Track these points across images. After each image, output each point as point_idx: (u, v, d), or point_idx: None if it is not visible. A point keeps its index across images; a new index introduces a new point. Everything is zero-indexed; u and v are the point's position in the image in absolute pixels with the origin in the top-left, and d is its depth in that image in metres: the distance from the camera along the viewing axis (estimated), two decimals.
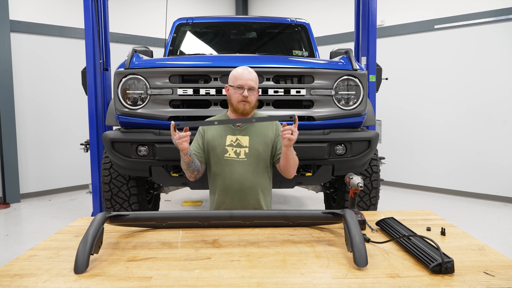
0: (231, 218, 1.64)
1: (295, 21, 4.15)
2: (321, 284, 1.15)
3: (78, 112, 5.73)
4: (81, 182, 5.97)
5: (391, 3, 6.09)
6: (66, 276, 1.22)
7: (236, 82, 2.02)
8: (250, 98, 2.02)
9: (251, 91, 2.02)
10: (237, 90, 2.02)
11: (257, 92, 2.08)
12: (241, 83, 2.00)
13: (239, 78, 2.01)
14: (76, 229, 1.71)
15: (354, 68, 2.58)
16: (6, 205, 5.07)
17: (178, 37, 4.03)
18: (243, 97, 2.00)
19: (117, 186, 2.87)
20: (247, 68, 2.07)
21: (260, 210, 1.99)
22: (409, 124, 5.97)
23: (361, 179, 1.73)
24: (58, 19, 5.73)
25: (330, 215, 1.57)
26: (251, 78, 2.02)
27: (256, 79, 2.06)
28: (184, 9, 7.11)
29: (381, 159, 3.61)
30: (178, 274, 1.23)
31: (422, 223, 1.75)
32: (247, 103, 2.02)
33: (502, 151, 5.10)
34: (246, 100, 2.01)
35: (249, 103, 2.03)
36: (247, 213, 1.68)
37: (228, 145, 2.06)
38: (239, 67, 2.08)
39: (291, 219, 1.65)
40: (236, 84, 2.02)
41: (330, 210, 1.59)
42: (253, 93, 2.04)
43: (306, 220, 1.67)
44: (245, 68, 2.06)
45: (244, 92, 2.00)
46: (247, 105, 2.03)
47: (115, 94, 2.52)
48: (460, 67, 5.42)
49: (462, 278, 1.17)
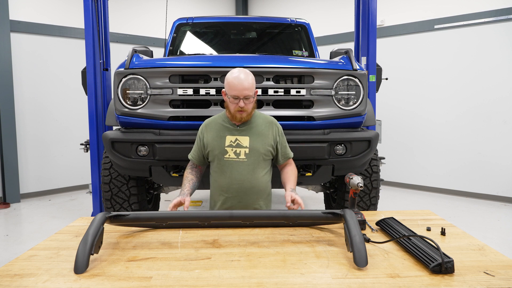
0: (231, 218, 1.64)
1: (295, 21, 4.15)
2: (321, 284, 1.15)
3: (78, 112, 5.73)
4: (81, 182, 5.97)
5: (391, 3, 6.09)
6: (66, 276, 1.22)
7: (231, 92, 1.96)
8: (246, 107, 1.99)
9: (247, 99, 1.97)
10: (233, 100, 1.97)
11: (255, 95, 2.03)
12: (236, 94, 1.94)
13: (234, 89, 1.94)
14: (76, 229, 1.71)
15: (354, 68, 2.58)
16: (6, 205, 5.07)
17: (178, 37, 4.03)
18: (239, 107, 1.97)
19: (117, 186, 2.87)
20: (242, 72, 1.97)
21: (260, 210, 2.00)
22: (409, 124, 5.97)
23: (361, 179, 1.73)
24: (58, 19, 5.73)
25: (330, 215, 1.57)
26: (246, 88, 1.94)
27: (251, 85, 1.98)
28: (184, 9, 7.11)
29: (381, 159, 3.61)
30: (178, 274, 1.23)
31: (422, 223, 1.75)
32: (244, 112, 2.00)
33: (502, 151, 5.10)
34: (243, 109, 1.99)
35: (245, 111, 2.01)
36: (247, 213, 1.68)
37: (227, 145, 2.06)
38: (234, 71, 1.99)
39: (291, 219, 1.65)
40: (231, 95, 1.96)
41: (330, 210, 1.59)
42: (250, 101, 1.99)
43: (306, 220, 1.67)
44: (240, 73, 1.97)
45: (240, 103, 1.96)
46: (244, 113, 2.01)
47: (115, 94, 2.52)
48: (460, 67, 5.42)
49: (462, 278, 1.17)
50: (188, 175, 2.14)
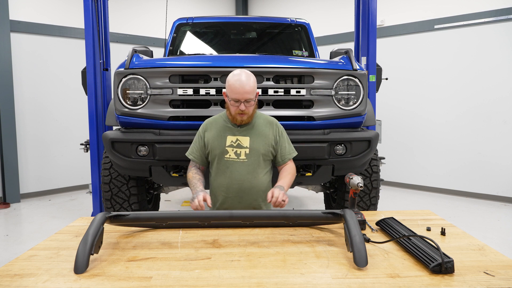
0: (231, 218, 1.64)
1: (295, 21, 4.15)
2: (321, 284, 1.15)
3: (78, 112, 5.73)
4: (81, 182, 5.97)
5: (391, 3, 6.09)
6: (66, 276, 1.22)
7: (232, 95, 1.95)
8: (247, 110, 1.98)
9: (248, 102, 1.96)
10: (233, 103, 1.97)
11: (255, 98, 2.02)
12: (237, 97, 1.94)
13: (235, 92, 1.93)
14: (76, 229, 1.71)
15: (354, 68, 2.58)
16: (6, 205, 5.07)
17: (178, 37, 4.03)
18: (240, 110, 1.97)
19: (117, 186, 2.87)
20: (243, 75, 1.95)
21: (260, 210, 1.99)
22: (409, 124, 5.97)
23: (361, 179, 1.73)
24: (58, 19, 5.73)
25: (330, 215, 1.57)
26: (247, 91, 1.93)
27: (253, 88, 1.96)
28: (184, 9, 7.11)
29: (381, 159, 3.61)
30: (178, 274, 1.23)
31: (422, 223, 1.75)
32: (245, 115, 2.00)
33: (502, 151, 5.10)
34: (243, 112, 1.98)
35: (246, 114, 2.00)
36: (247, 213, 1.68)
37: (228, 146, 2.06)
38: (236, 73, 1.98)
39: (291, 219, 1.65)
40: (232, 98, 1.95)
41: (330, 210, 1.59)
42: (250, 104, 1.98)
43: (306, 220, 1.67)
44: (241, 76, 1.95)
45: (240, 106, 1.95)
46: (244, 116, 2.00)
47: (115, 94, 2.52)
48: (460, 67, 5.42)
49: (462, 278, 1.17)
50: (195, 175, 2.09)
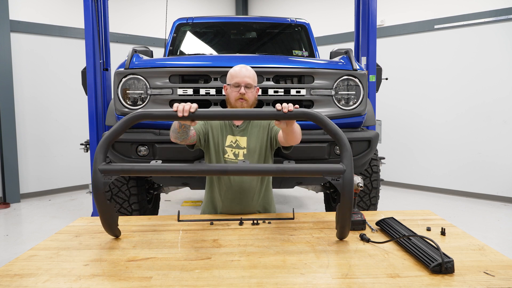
0: (225, 172, 1.55)
1: (295, 21, 4.15)
2: (321, 284, 1.15)
3: (78, 112, 5.73)
4: (81, 182, 5.97)
5: (391, 3, 6.09)
6: (66, 276, 1.22)
7: (232, 80, 1.99)
8: (247, 96, 1.97)
9: (248, 88, 1.98)
10: (234, 89, 1.98)
11: (255, 91, 2.04)
12: (238, 81, 1.97)
13: (236, 76, 1.99)
14: (76, 229, 1.71)
15: (354, 68, 2.58)
16: (6, 205, 5.07)
17: (178, 37, 4.03)
18: (240, 94, 1.96)
19: (117, 186, 2.87)
20: (244, 66, 2.04)
21: (258, 164, 1.89)
22: (409, 124, 5.97)
23: (361, 179, 1.73)
24: (58, 19, 5.73)
25: (330, 165, 1.46)
26: (247, 75, 1.99)
27: (253, 76, 2.02)
28: (184, 9, 7.11)
29: (381, 159, 3.61)
30: (178, 274, 1.23)
31: (422, 223, 1.75)
32: (245, 101, 1.98)
33: (502, 151, 5.10)
34: (244, 98, 1.97)
35: (246, 100, 1.98)
36: (241, 167, 1.51)
37: (227, 145, 2.06)
38: (236, 66, 2.05)
39: (288, 173, 1.48)
40: (232, 82, 1.99)
41: (331, 164, 1.48)
42: (251, 91, 1.99)
43: (305, 175, 1.53)
44: (243, 66, 2.04)
45: (241, 89, 1.96)
46: (244, 102, 1.98)
47: (115, 94, 2.52)
48: (460, 67, 5.42)
49: (462, 278, 1.17)
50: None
